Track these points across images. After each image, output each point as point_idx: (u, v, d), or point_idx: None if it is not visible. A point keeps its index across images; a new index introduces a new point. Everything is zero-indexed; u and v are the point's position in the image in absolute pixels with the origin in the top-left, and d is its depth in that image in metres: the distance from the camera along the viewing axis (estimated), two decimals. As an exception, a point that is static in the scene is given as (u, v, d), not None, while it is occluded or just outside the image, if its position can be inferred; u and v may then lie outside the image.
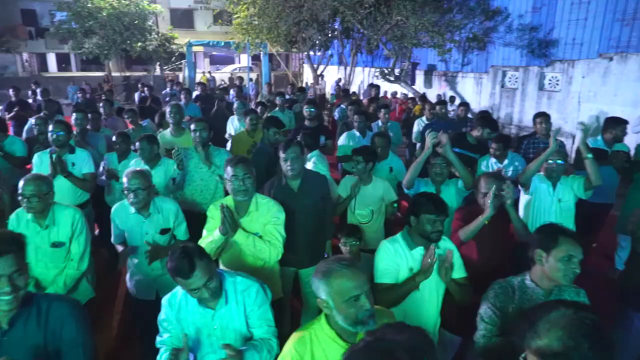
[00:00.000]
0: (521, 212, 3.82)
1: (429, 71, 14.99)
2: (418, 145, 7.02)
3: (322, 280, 1.70)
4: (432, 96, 12.86)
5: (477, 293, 2.56)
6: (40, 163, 4.20)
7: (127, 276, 3.19)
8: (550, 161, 3.62)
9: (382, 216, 3.94)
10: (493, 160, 4.48)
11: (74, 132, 5.10)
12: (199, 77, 19.44)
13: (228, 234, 2.63)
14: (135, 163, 4.18)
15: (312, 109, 5.63)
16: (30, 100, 10.03)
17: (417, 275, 2.41)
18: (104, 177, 4.45)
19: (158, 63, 22.38)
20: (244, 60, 27.76)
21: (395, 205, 3.96)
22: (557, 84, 10.35)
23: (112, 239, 3.05)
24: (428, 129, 6.17)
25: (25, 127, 6.26)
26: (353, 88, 16.49)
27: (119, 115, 6.85)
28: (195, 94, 9.56)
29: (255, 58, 20.51)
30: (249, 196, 2.78)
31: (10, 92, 9.19)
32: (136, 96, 10.75)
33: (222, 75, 23.97)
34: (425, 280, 2.40)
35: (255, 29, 15.10)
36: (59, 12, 21.06)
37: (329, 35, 14.92)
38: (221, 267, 2.78)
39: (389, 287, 2.46)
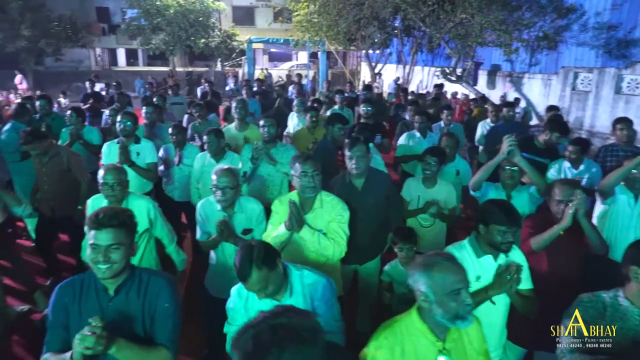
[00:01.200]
0: (595, 223, 3.57)
1: (493, 71, 14.43)
2: (481, 148, 6.78)
3: (423, 273, 1.71)
4: (494, 97, 12.36)
5: (545, 305, 2.45)
6: (109, 152, 4.41)
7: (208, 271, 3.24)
8: (635, 171, 3.34)
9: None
10: (567, 164, 4.20)
11: (144, 123, 5.37)
12: (257, 74, 19.84)
13: (293, 230, 2.64)
14: (202, 157, 4.30)
15: (369, 108, 5.56)
16: (103, 93, 10.65)
17: (490, 288, 2.32)
18: (162, 167, 4.61)
19: (219, 59, 23.03)
20: (302, 57, 28.03)
21: (459, 212, 3.84)
22: (637, 87, 9.62)
23: (198, 236, 3.09)
24: (493, 131, 5.94)
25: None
26: (411, 87, 16.19)
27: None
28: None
29: (313, 55, 20.64)
30: (316, 193, 2.78)
31: (87, 84, 9.80)
32: (198, 91, 11.13)
33: (280, 72, 24.31)
34: (499, 294, 2.31)
35: (314, 27, 15.19)
36: (130, 9, 22.23)
37: (389, 33, 14.72)
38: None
39: None
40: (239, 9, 27.69)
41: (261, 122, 4.08)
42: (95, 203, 3.12)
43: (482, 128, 6.70)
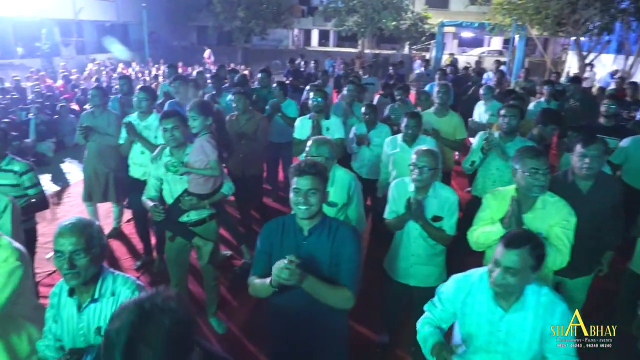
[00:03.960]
0: None
1: None
2: None
3: None
4: None
5: None
6: (302, 126, 4.66)
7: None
8: None
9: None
10: None
11: (344, 101, 5.57)
12: (444, 59, 19.10)
13: (511, 229, 2.38)
14: (392, 140, 4.22)
15: (614, 105, 4.70)
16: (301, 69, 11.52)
17: None
18: (354, 144, 4.68)
19: (407, 42, 22.85)
20: (495, 43, 26.07)
21: None
22: None
23: (386, 214, 3.07)
24: None
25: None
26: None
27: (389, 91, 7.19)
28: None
29: (506, 41, 18.96)
30: (543, 192, 2.47)
31: (287, 63, 10.73)
32: (390, 71, 11.23)
33: (468, 58, 22.97)
34: None
35: (518, 9, 13.82)
36: (329, -8, 23.50)
37: (613, 16, 12.52)
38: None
39: None
40: (432, -10, 26.89)
41: (502, 112, 3.78)
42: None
43: None
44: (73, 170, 7.87)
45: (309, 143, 3.08)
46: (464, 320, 2.03)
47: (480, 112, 6.41)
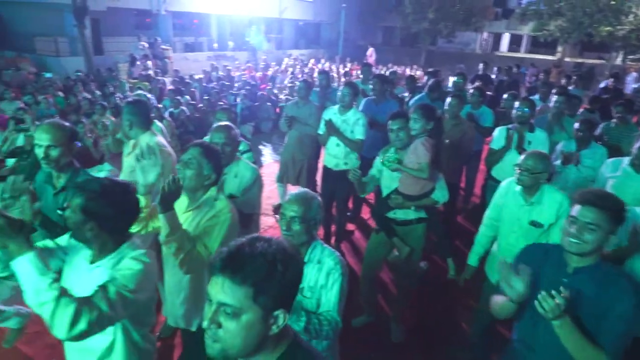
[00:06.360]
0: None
1: None
2: None
3: None
4: None
5: None
6: (499, 137, 4.32)
7: None
8: None
9: None
10: None
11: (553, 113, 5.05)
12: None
13: None
14: (614, 163, 3.63)
15: None
16: (493, 76, 10.85)
17: None
18: (558, 162, 4.19)
19: (622, 51, 19.55)
20: None
21: None
22: None
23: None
24: None
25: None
26: None
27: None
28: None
29: None
30: None
31: (480, 66, 10.19)
32: (608, 84, 9.85)
33: None
34: None
35: None
36: (532, -6, 21.50)
37: None
38: None
39: None
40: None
41: None
42: (510, 186, 3.04)
43: None
44: (266, 153, 8.79)
45: (523, 157, 2.85)
46: None
47: None
